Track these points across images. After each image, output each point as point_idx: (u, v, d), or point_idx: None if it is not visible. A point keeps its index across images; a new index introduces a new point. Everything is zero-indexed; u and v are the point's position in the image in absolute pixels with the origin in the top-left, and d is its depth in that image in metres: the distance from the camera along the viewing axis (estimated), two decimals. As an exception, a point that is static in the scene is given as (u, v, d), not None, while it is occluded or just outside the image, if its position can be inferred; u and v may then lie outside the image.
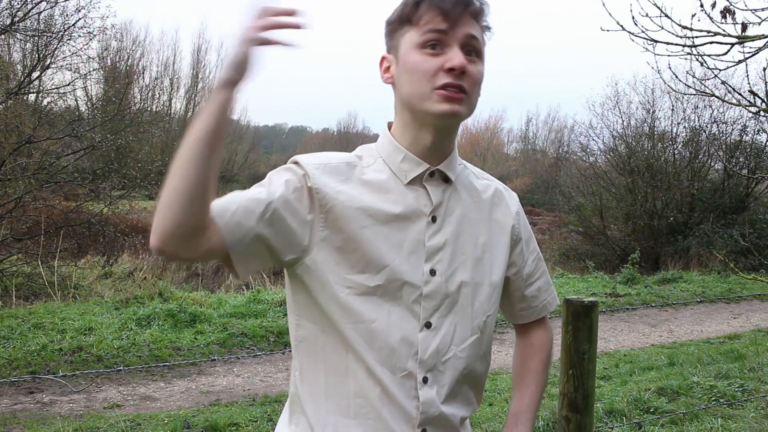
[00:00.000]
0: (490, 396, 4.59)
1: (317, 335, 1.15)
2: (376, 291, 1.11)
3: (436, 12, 1.09)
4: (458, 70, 1.07)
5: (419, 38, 1.10)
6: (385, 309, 1.11)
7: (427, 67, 1.09)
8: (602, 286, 9.44)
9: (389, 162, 1.17)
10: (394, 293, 1.12)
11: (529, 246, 1.31)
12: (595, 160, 16.03)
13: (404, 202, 1.14)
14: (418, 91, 1.11)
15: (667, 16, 3.21)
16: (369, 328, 1.10)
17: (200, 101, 37.93)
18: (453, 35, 1.09)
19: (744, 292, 9.09)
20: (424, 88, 1.10)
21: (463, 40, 1.10)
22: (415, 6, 1.11)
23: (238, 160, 39.93)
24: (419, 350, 1.12)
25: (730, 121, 13.74)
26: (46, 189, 9.44)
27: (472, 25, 1.11)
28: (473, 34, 1.11)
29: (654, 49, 3.33)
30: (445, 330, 1.15)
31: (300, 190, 1.10)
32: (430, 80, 1.09)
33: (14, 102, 10.11)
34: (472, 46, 1.11)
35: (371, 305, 1.11)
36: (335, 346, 1.13)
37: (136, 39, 34.27)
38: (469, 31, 1.10)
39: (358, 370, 1.11)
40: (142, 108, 29.21)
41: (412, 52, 1.11)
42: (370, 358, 1.10)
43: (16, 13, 9.57)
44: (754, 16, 3.07)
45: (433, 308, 1.14)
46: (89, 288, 8.38)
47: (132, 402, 4.52)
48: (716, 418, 3.95)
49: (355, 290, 1.11)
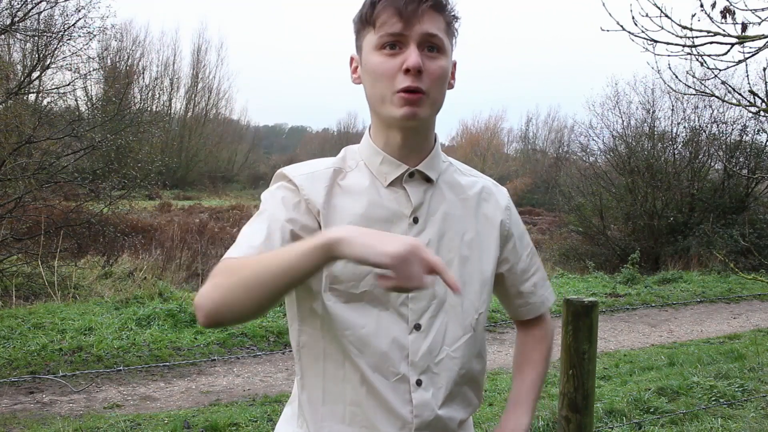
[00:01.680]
0: (490, 396, 4.59)
1: (317, 341, 1.15)
2: (363, 297, 1.11)
3: (391, 12, 1.08)
4: (413, 70, 1.06)
5: (377, 40, 1.10)
6: (373, 314, 1.11)
7: (386, 68, 1.09)
8: (602, 286, 9.43)
9: (370, 165, 1.17)
10: (380, 297, 1.11)
11: (522, 241, 1.29)
12: (595, 160, 16.02)
13: (385, 205, 1.14)
14: (379, 94, 1.11)
15: (667, 16, 3.21)
16: (359, 334, 1.10)
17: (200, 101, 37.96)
18: (409, 35, 1.08)
19: (744, 292, 9.09)
20: (384, 91, 1.10)
21: (420, 39, 1.08)
22: (372, 6, 1.10)
23: (238, 160, 39.96)
24: (410, 352, 1.12)
25: (730, 121, 13.74)
26: (46, 189, 9.43)
27: (431, 20, 1.09)
28: (430, 31, 1.08)
29: (654, 49, 3.33)
30: (436, 330, 1.14)
31: (298, 204, 1.12)
32: (389, 83, 1.09)
33: (14, 102, 10.10)
34: (431, 42, 1.09)
35: (359, 311, 1.11)
36: (333, 353, 1.13)
37: (136, 39, 34.38)
38: (426, 29, 1.08)
39: (353, 376, 1.12)
40: (142, 108, 29.22)
41: (372, 54, 1.11)
42: (363, 364, 1.10)
43: (16, 13, 9.56)
44: (754, 16, 3.07)
45: (422, 310, 1.13)
46: (89, 288, 8.37)
47: (132, 402, 4.52)
48: (716, 418, 3.95)
49: (341, 298, 1.11)
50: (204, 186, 33.58)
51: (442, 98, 1.13)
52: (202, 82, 38.46)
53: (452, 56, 1.16)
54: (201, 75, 38.42)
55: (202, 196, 29.02)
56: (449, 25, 1.13)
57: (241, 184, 37.17)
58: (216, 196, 29.77)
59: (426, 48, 1.09)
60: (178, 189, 30.36)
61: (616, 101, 15.15)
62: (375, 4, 1.10)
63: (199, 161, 35.20)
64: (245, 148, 41.67)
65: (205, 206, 22.52)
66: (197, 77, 38.14)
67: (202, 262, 10.72)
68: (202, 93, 38.21)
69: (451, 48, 1.15)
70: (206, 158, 35.95)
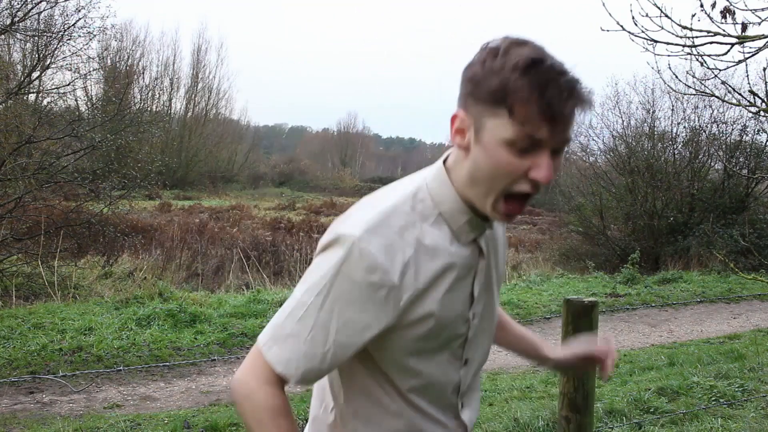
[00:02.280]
0: (490, 396, 4.59)
1: (366, 378, 1.12)
2: (434, 350, 1.11)
3: (544, 115, 0.93)
4: (544, 184, 0.98)
5: (513, 135, 0.95)
6: (434, 359, 1.12)
7: (512, 170, 0.97)
8: (602, 286, 9.43)
9: (450, 220, 1.06)
10: (445, 345, 1.12)
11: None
12: (595, 160, 16.00)
13: (463, 263, 1.08)
14: (490, 187, 1.00)
15: (667, 16, 3.21)
16: (425, 381, 1.12)
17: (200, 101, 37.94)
18: (552, 142, 0.96)
19: (744, 292, 9.09)
20: (498, 186, 0.99)
21: (558, 146, 0.98)
22: (521, 93, 0.93)
23: (238, 160, 39.93)
24: (461, 385, 1.17)
25: (730, 121, 13.73)
26: (46, 189, 9.43)
27: (572, 123, 0.97)
28: (569, 137, 0.98)
29: (654, 49, 3.33)
30: (476, 359, 1.20)
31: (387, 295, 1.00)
32: (508, 182, 0.98)
33: (14, 102, 10.11)
34: (564, 145, 0.99)
35: (425, 360, 1.11)
36: (386, 390, 1.11)
37: (136, 39, 34.38)
38: (567, 136, 0.98)
39: (411, 412, 1.12)
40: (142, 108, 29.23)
41: (500, 148, 0.96)
42: (421, 402, 1.13)
43: (16, 13, 9.57)
44: (754, 16, 3.07)
45: (472, 348, 1.17)
46: (89, 288, 8.37)
47: (132, 402, 4.52)
48: (716, 418, 3.94)
49: (417, 354, 1.09)
50: (204, 186, 33.60)
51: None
52: (202, 82, 38.50)
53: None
54: (201, 75, 38.45)
55: (202, 196, 29.03)
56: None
57: (241, 184, 37.17)
58: (216, 196, 29.78)
59: (557, 151, 0.99)
60: (178, 189, 30.37)
61: (616, 101, 15.13)
62: (544, 94, 0.92)
63: (199, 161, 35.21)
64: (245, 148, 41.64)
65: (205, 206, 22.51)
66: (197, 77, 38.17)
67: (202, 262, 10.73)
68: (202, 93, 38.24)
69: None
70: (206, 158, 35.95)
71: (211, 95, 38.98)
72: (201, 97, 38.19)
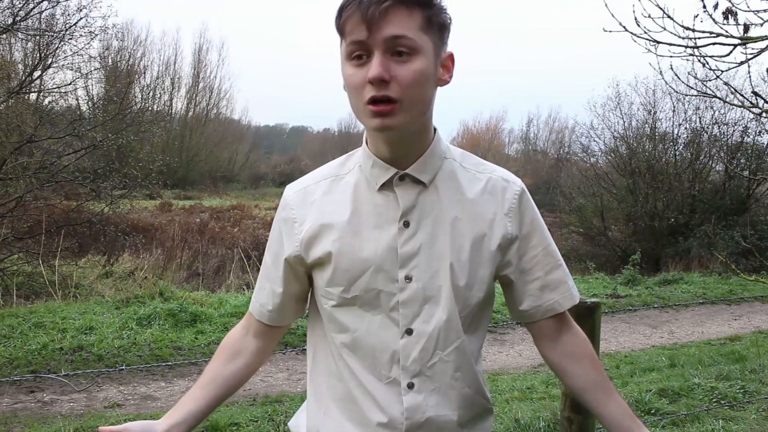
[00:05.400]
0: (490, 397, 4.58)
1: (322, 338, 1.22)
2: (354, 301, 1.13)
3: (356, 18, 1.01)
4: (375, 81, 1.00)
5: (345, 49, 1.05)
6: (366, 318, 1.13)
7: (355, 80, 1.04)
8: (603, 287, 9.43)
9: (364, 169, 1.16)
10: (372, 302, 1.12)
11: (529, 241, 1.19)
12: (596, 161, 16.02)
13: (374, 210, 1.13)
14: (354, 105, 1.08)
15: (670, 17, 3.21)
16: (352, 337, 1.14)
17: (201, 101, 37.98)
18: (374, 41, 1.00)
19: (745, 293, 9.08)
20: (358, 102, 1.05)
21: (385, 45, 1.01)
22: (339, 14, 1.04)
23: (239, 159, 39.92)
24: (401, 357, 1.12)
25: (732, 122, 13.74)
26: (47, 188, 9.45)
27: (398, 19, 1.00)
28: (396, 33, 1.00)
29: (656, 50, 3.33)
30: (428, 335, 1.12)
31: (291, 228, 1.19)
32: (360, 95, 1.04)
33: (15, 101, 10.13)
34: (399, 45, 1.01)
35: (352, 315, 1.14)
36: (332, 350, 1.18)
37: (138, 38, 34.33)
38: (389, 32, 1.00)
39: (348, 375, 1.15)
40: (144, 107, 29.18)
41: (344, 65, 1.06)
42: (356, 365, 1.14)
43: (18, 12, 9.56)
44: (757, 17, 3.07)
45: (413, 314, 1.12)
46: (90, 287, 8.38)
47: (132, 401, 4.52)
48: (717, 419, 3.94)
49: (334, 302, 1.15)
50: (205, 186, 33.59)
51: (423, 100, 1.07)
52: (203, 82, 38.47)
53: (442, 50, 1.09)
54: (202, 75, 38.41)
55: (203, 196, 29.02)
56: (429, 19, 1.03)
57: (241, 184, 37.16)
58: (217, 196, 29.77)
59: (395, 53, 1.02)
60: (179, 189, 30.34)
61: (618, 102, 15.16)
62: (342, 11, 1.03)
63: (200, 161, 35.20)
64: (246, 148, 41.61)
65: (205, 206, 22.51)
66: (198, 77, 38.14)
67: (203, 261, 10.72)
68: (203, 93, 38.21)
69: (438, 43, 1.07)
70: (207, 158, 35.94)
71: (212, 95, 38.99)
72: (202, 97, 38.21)
